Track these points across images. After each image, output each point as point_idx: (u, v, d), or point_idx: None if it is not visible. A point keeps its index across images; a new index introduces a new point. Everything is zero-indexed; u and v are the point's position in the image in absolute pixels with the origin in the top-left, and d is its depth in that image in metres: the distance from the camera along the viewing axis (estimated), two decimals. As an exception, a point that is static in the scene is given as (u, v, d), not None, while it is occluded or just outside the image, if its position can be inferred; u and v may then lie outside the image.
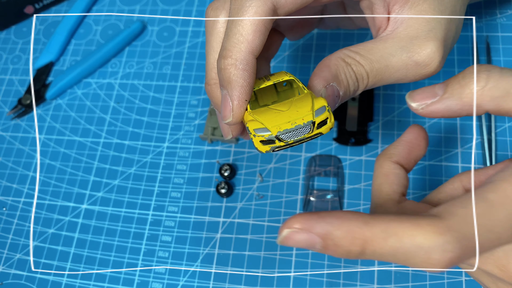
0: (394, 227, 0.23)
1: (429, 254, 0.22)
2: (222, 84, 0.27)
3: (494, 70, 0.26)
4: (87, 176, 0.45)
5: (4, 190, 0.46)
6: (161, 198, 0.43)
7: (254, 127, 0.26)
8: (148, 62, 0.50)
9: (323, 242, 0.23)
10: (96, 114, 0.48)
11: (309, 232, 0.23)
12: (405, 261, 0.23)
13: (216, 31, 0.30)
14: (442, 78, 0.43)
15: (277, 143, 0.26)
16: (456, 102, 0.27)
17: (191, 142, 0.45)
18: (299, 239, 0.23)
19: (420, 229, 0.22)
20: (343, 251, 0.23)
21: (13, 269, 0.42)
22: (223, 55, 0.27)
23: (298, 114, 0.26)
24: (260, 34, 0.27)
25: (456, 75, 0.28)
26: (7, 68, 0.53)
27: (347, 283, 0.37)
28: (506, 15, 0.45)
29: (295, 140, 0.26)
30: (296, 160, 0.42)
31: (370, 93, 0.43)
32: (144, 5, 0.53)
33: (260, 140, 0.26)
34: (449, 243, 0.22)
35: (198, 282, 0.39)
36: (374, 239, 0.23)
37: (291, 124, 0.26)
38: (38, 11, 0.55)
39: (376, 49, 0.29)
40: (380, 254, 0.23)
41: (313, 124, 0.26)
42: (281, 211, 0.40)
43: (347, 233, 0.23)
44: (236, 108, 0.27)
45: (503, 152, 0.39)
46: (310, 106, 0.26)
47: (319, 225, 0.23)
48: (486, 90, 0.26)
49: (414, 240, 0.22)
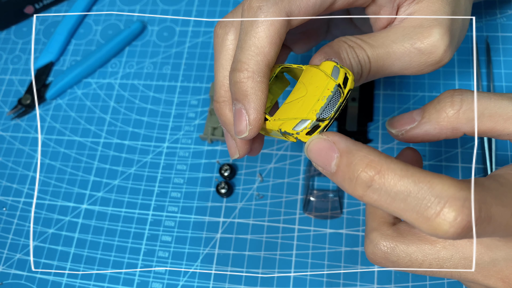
0: (414, 170, 0.22)
1: (444, 207, 0.21)
2: (236, 98, 0.27)
3: (467, 94, 0.27)
4: (87, 176, 0.45)
5: (4, 190, 0.46)
6: (161, 198, 0.43)
7: (291, 126, 0.25)
8: (148, 62, 0.50)
9: (339, 158, 0.23)
10: (96, 114, 0.48)
11: (333, 145, 0.23)
12: (415, 212, 0.21)
13: (226, 49, 0.30)
14: (443, 79, 0.43)
15: (322, 124, 0.25)
16: (434, 126, 0.27)
17: (191, 142, 0.45)
18: (322, 145, 0.23)
19: (441, 179, 0.21)
20: (352, 174, 0.22)
21: (13, 269, 0.42)
22: (238, 68, 0.27)
23: (320, 88, 0.25)
24: (275, 46, 0.27)
25: (432, 100, 0.28)
26: (7, 68, 0.53)
27: (347, 283, 0.37)
28: (506, 15, 0.45)
29: (335, 111, 0.25)
30: (296, 160, 0.42)
31: (370, 93, 0.43)
32: (144, 5, 0.53)
33: (306, 133, 0.25)
34: (469, 200, 0.21)
35: (198, 282, 0.39)
36: (390, 172, 0.22)
37: (321, 101, 0.25)
38: (38, 11, 0.55)
39: (378, 36, 0.29)
40: (388, 193, 0.22)
41: (339, 86, 0.25)
42: (281, 211, 0.40)
43: (365, 157, 0.22)
44: (254, 121, 0.26)
45: (503, 152, 0.39)
46: (323, 75, 0.25)
47: (344, 141, 0.23)
48: (461, 113, 0.27)
49: (432, 186, 0.21)
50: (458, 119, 0.27)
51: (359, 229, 0.39)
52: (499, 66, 0.42)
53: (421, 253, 0.26)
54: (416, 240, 0.26)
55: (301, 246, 0.39)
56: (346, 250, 0.38)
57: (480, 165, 0.39)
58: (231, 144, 0.31)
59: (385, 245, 0.26)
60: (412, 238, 0.26)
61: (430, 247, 0.25)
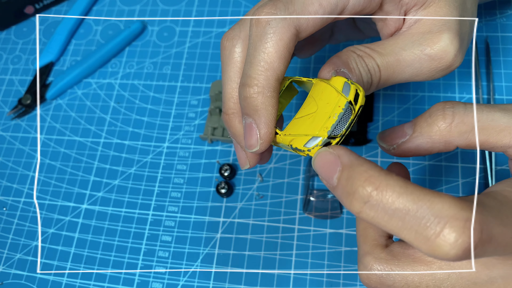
0: (414, 188, 0.21)
1: (445, 227, 0.20)
2: (247, 113, 0.27)
3: (458, 106, 0.27)
4: (87, 176, 0.45)
5: (4, 190, 0.46)
6: (161, 198, 0.43)
7: (302, 143, 0.25)
8: (148, 62, 0.50)
9: (341, 171, 0.23)
10: (96, 114, 0.48)
11: (337, 158, 0.23)
12: (414, 231, 0.21)
13: (233, 61, 0.29)
14: (442, 79, 0.43)
15: (333, 142, 0.25)
16: (426, 140, 0.27)
17: (191, 142, 0.45)
18: (327, 158, 0.23)
19: (441, 198, 0.21)
20: (350, 188, 0.22)
21: (13, 269, 0.42)
22: (248, 84, 0.26)
23: (331, 104, 0.25)
24: (285, 60, 0.26)
25: (423, 113, 0.28)
26: (7, 68, 0.53)
27: (347, 283, 0.37)
28: (506, 15, 0.45)
29: (346, 128, 0.25)
30: (296, 160, 0.42)
31: (370, 93, 0.43)
32: (144, 5, 0.53)
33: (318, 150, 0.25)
34: (470, 221, 0.20)
35: (198, 282, 0.39)
36: (389, 189, 0.21)
37: (333, 118, 0.25)
38: (38, 11, 0.55)
39: (387, 44, 0.29)
40: (386, 210, 0.21)
41: (350, 104, 0.25)
42: (281, 211, 0.40)
43: (365, 172, 0.22)
44: (265, 136, 0.26)
45: (502, 159, 0.39)
46: (334, 91, 0.25)
47: (348, 155, 0.23)
48: (453, 126, 0.27)
49: (432, 206, 0.20)
50: (450, 133, 0.27)
51: (359, 229, 0.39)
52: (499, 66, 0.42)
53: (417, 275, 0.25)
54: (411, 262, 0.25)
55: (301, 246, 0.39)
56: (346, 250, 0.38)
57: (480, 165, 0.39)
58: (241, 155, 0.31)
59: (379, 270, 0.25)
60: (406, 260, 0.25)
61: (426, 268, 0.25)
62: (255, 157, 0.30)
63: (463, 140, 0.27)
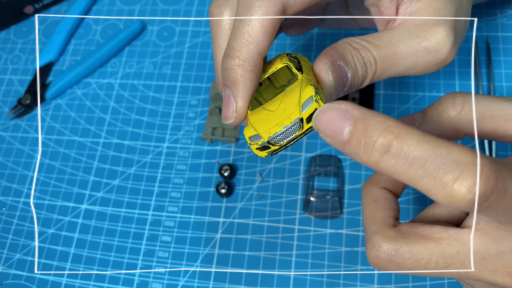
0: (432, 136, 0.21)
1: (463, 173, 0.20)
2: (226, 84, 0.27)
3: (469, 96, 0.27)
4: (87, 176, 0.45)
5: (4, 190, 0.46)
6: (161, 198, 0.43)
7: (249, 135, 0.26)
8: (148, 62, 0.50)
9: (353, 125, 0.22)
10: (96, 114, 0.48)
11: (346, 112, 0.22)
12: (432, 178, 0.21)
13: (222, 29, 0.29)
14: (443, 79, 0.43)
15: (272, 147, 0.25)
16: (435, 128, 0.27)
17: (191, 142, 0.45)
18: (333, 114, 0.22)
19: (458, 146, 0.21)
20: (369, 139, 0.21)
21: (13, 269, 0.42)
22: (230, 55, 0.26)
23: (286, 112, 0.25)
24: (269, 35, 0.26)
25: (433, 102, 0.28)
26: (7, 68, 0.53)
27: (347, 283, 0.37)
28: (506, 15, 0.45)
29: (288, 141, 0.25)
30: (296, 160, 0.42)
31: (370, 93, 0.43)
32: (144, 5, 0.53)
33: (256, 148, 0.25)
34: (487, 167, 0.20)
35: (198, 282, 0.39)
36: (408, 137, 0.21)
37: (279, 127, 0.24)
38: (38, 11, 0.55)
39: (383, 36, 0.28)
40: (407, 158, 0.21)
41: (301, 121, 0.24)
42: (281, 211, 0.40)
43: (383, 122, 0.21)
44: (240, 109, 0.26)
45: (503, 152, 0.39)
46: (296, 100, 0.25)
47: (358, 108, 0.22)
48: (463, 114, 0.27)
49: (451, 152, 0.20)
50: (460, 121, 0.27)
51: (359, 229, 0.39)
52: (499, 66, 0.42)
53: (426, 252, 0.25)
54: (420, 239, 0.25)
55: (301, 246, 0.39)
56: (346, 250, 0.38)
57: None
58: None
59: (388, 247, 0.25)
60: (415, 237, 0.25)
61: (435, 244, 0.25)
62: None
63: (472, 129, 0.27)
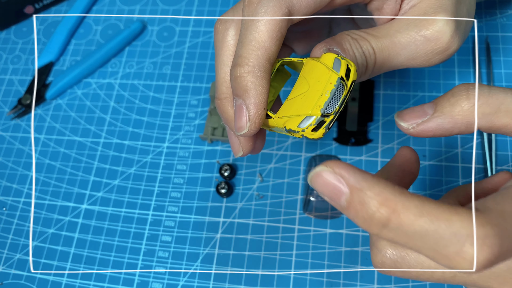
0: (430, 207, 0.21)
1: (464, 246, 0.20)
2: (237, 94, 0.26)
3: (483, 88, 0.26)
4: (87, 176, 0.45)
5: (4, 190, 0.46)
6: (161, 198, 0.43)
7: (295, 124, 0.25)
8: (148, 62, 0.50)
9: (350, 195, 0.21)
10: (96, 114, 0.48)
11: (341, 179, 0.21)
12: (433, 250, 0.21)
13: (226, 45, 0.29)
14: (443, 79, 0.43)
15: (327, 120, 0.24)
16: (447, 120, 0.26)
17: (191, 142, 0.45)
18: (328, 180, 0.21)
19: (458, 215, 0.20)
20: (366, 213, 0.21)
21: (13, 269, 0.42)
22: (239, 63, 0.26)
23: (322, 82, 0.24)
24: (276, 40, 0.26)
25: (445, 93, 0.27)
26: (7, 68, 0.53)
27: (347, 283, 0.37)
28: (506, 15, 0.45)
29: (339, 105, 0.24)
30: (296, 160, 0.42)
31: (370, 93, 0.43)
32: (144, 5, 0.53)
33: (312, 130, 0.24)
34: (489, 237, 0.20)
35: (198, 282, 0.39)
36: (406, 211, 0.20)
37: (325, 95, 0.24)
38: (38, 11, 0.55)
39: (382, 28, 0.28)
40: (405, 232, 0.21)
41: (342, 79, 0.24)
42: (281, 211, 0.40)
43: (378, 195, 0.21)
44: (254, 117, 0.26)
45: (503, 152, 0.39)
46: (324, 68, 0.24)
47: (354, 176, 0.21)
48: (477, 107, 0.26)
49: (450, 225, 0.20)
50: (474, 114, 0.26)
51: (359, 229, 0.39)
52: (499, 66, 0.42)
53: (433, 261, 0.24)
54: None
55: (301, 246, 0.39)
56: (346, 250, 0.38)
57: (481, 165, 0.39)
58: (235, 141, 0.30)
59: (394, 254, 0.25)
60: None
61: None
62: (248, 144, 0.30)
63: (485, 122, 0.26)
